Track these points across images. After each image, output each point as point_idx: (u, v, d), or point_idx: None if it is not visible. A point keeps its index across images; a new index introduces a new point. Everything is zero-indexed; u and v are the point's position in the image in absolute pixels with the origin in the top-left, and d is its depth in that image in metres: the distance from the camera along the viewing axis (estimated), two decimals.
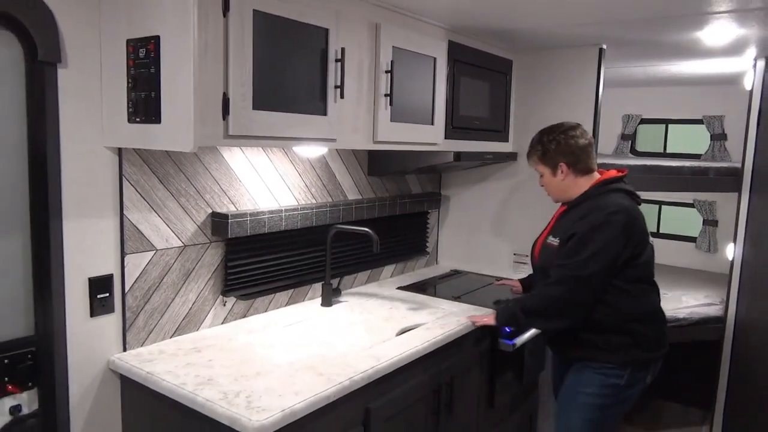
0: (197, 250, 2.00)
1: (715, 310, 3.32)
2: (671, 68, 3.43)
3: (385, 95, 2.04)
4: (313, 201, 2.42)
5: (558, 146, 2.05)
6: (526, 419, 2.88)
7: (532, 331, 2.59)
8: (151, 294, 1.87)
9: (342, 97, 1.84)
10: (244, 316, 2.19)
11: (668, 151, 4.57)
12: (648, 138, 4.83)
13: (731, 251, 3.09)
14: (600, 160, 2.98)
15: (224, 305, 2.10)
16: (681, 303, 3.44)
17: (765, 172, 2.84)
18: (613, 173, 2.10)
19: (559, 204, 2.20)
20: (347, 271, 2.64)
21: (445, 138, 2.43)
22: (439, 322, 2.22)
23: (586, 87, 2.74)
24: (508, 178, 3.00)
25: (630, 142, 4.58)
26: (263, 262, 2.20)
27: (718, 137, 4.18)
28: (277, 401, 1.51)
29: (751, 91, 3.00)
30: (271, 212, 2.15)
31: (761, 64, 2.91)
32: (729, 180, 3.10)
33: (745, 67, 3.14)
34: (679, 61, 3.11)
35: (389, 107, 2.06)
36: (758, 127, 2.93)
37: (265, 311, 2.27)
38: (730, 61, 3.08)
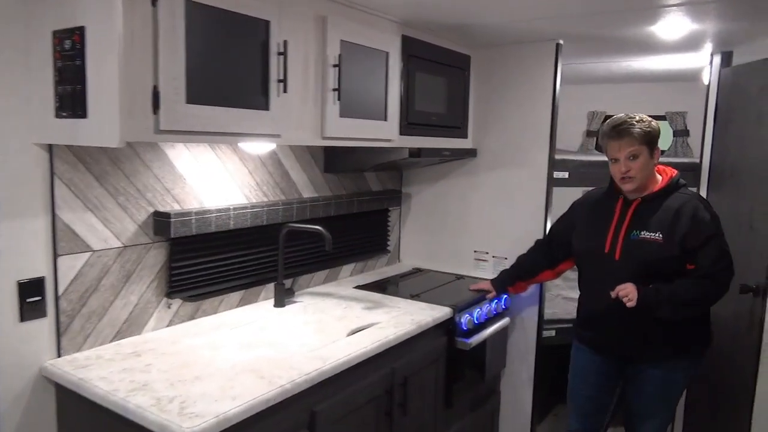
0: (138, 251, 1.93)
1: None
2: (632, 64, 3.44)
3: (333, 90, 1.99)
4: (265, 199, 2.36)
5: (655, 130, 2.05)
6: (487, 417, 2.86)
7: (492, 329, 2.58)
8: (87, 297, 1.79)
9: (285, 91, 1.78)
10: (192, 319, 2.13)
11: None
12: None
13: None
14: (564, 156, 2.98)
15: (169, 307, 2.04)
16: None
17: (721, 168, 2.85)
18: (671, 169, 2.16)
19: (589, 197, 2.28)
20: (304, 270, 2.59)
21: (400, 134, 2.39)
22: (394, 321, 2.18)
23: (544, 82, 2.72)
24: (468, 175, 2.97)
25: (595, 138, 4.59)
26: (211, 263, 2.14)
27: (681, 133, 4.21)
28: (212, 406, 1.45)
29: (708, 87, 3.01)
30: (218, 211, 2.09)
31: (717, 59, 2.93)
32: (687, 175, 3.10)
33: (703, 63, 3.15)
34: (637, 56, 3.11)
35: (337, 102, 2.01)
36: (715, 123, 2.95)
37: (215, 313, 2.21)
38: (689, 57, 3.09)
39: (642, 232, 2.05)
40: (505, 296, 2.73)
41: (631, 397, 2.24)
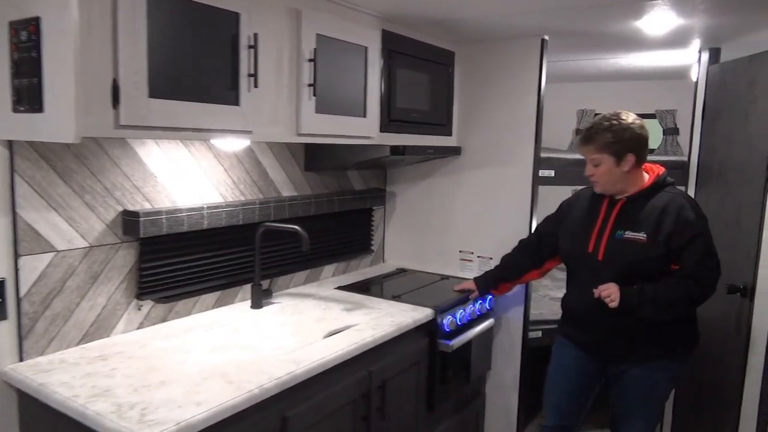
0: (106, 251, 1.86)
1: None
2: (620, 61, 3.40)
3: (309, 85, 1.93)
4: (242, 198, 2.30)
5: (632, 136, 1.99)
6: (472, 419, 2.80)
7: (475, 331, 2.53)
8: (51, 299, 1.73)
9: (256, 86, 1.72)
10: (164, 321, 2.07)
11: None
12: None
13: None
14: (550, 155, 2.93)
15: (139, 309, 1.98)
16: None
17: (709, 165, 2.81)
18: (659, 167, 2.12)
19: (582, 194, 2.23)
20: (283, 270, 2.53)
21: (381, 131, 2.34)
22: (373, 322, 2.13)
23: (529, 79, 2.67)
24: (453, 173, 2.92)
25: None
26: (184, 263, 2.08)
27: (671, 132, 4.17)
28: (174, 413, 1.39)
29: (696, 84, 2.96)
30: (190, 210, 2.03)
31: (705, 56, 2.88)
32: (676, 174, 3.05)
33: (692, 59, 3.11)
34: (624, 53, 3.07)
35: (313, 98, 1.95)
36: (703, 120, 2.90)
37: (189, 315, 2.15)
38: (678, 54, 3.05)
39: (626, 232, 2.01)
40: (490, 297, 2.68)
41: (615, 398, 2.20)
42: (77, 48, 1.31)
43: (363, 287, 2.66)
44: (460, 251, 2.93)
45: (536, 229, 2.49)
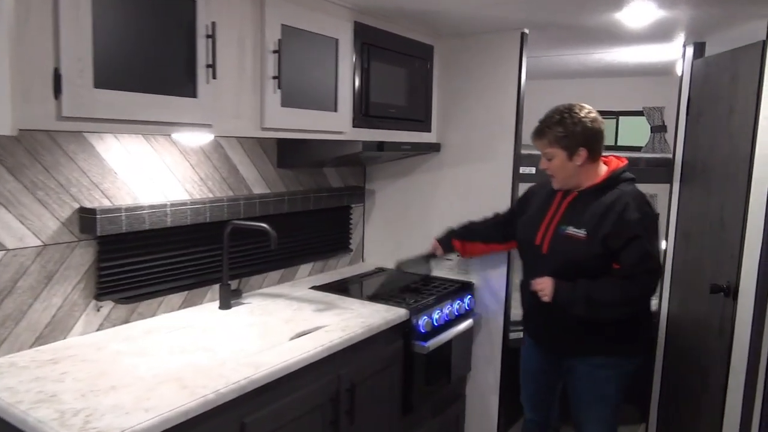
0: (62, 250, 1.79)
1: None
2: (605, 57, 3.34)
3: (273, 78, 1.86)
4: (211, 195, 2.23)
5: (583, 130, 1.96)
6: (452, 422, 2.74)
7: (453, 331, 2.46)
8: (1, 300, 1.66)
9: (215, 77, 1.65)
10: (126, 322, 1.99)
11: (620, 144, 4.51)
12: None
13: (663, 245, 3.01)
14: (531, 152, 2.86)
15: (98, 310, 1.90)
16: None
17: (694, 162, 2.75)
18: (621, 160, 2.08)
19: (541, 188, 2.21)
20: (255, 270, 2.46)
21: (354, 126, 2.27)
22: (343, 324, 2.06)
23: (509, 73, 2.60)
24: (432, 170, 2.85)
25: None
26: (146, 263, 2.01)
27: (658, 129, 4.12)
28: (120, 420, 1.32)
29: (681, 79, 2.91)
30: (152, 207, 1.96)
31: (690, 51, 2.82)
32: (660, 171, 3.01)
33: (677, 54, 3.05)
34: (607, 48, 3.01)
35: (278, 91, 1.88)
36: (687, 117, 2.84)
37: (153, 316, 2.07)
38: (663, 49, 2.99)
39: (569, 228, 1.99)
40: (469, 296, 2.62)
41: (568, 394, 2.19)
42: (14, 35, 1.23)
43: (339, 287, 2.59)
44: None
45: (510, 209, 2.50)
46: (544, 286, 1.97)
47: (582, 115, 1.97)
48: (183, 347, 1.80)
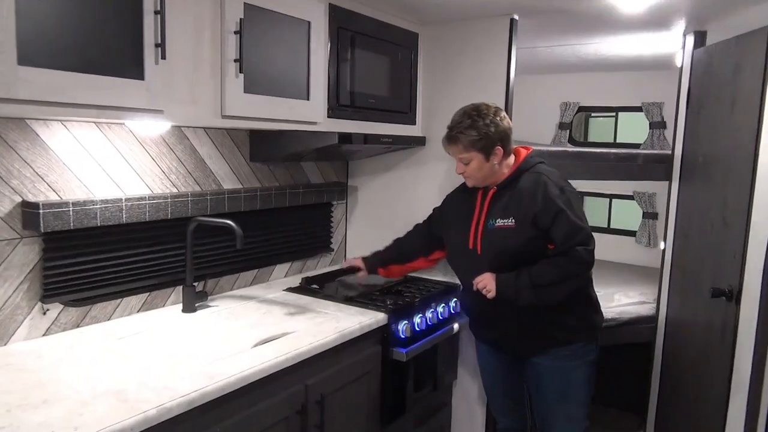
0: (2, 248, 1.63)
1: (648, 309, 3.08)
2: (601, 48, 3.18)
3: (235, 61, 1.70)
4: (175, 190, 2.08)
5: (497, 129, 1.94)
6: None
7: (434, 337, 2.31)
8: None
9: (164, 57, 1.50)
10: (78, 327, 1.84)
11: (618, 141, 4.35)
12: (598, 128, 4.63)
13: (662, 245, 2.85)
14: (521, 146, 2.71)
15: (45, 314, 1.75)
16: (613, 302, 3.20)
17: (694, 159, 2.59)
18: (527, 149, 2.08)
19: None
20: (225, 270, 2.31)
21: (329, 117, 2.12)
22: (314, 329, 1.90)
23: (498, 62, 2.45)
24: (417, 165, 2.70)
25: (568, 131, 4.33)
26: (99, 262, 1.85)
27: (657, 125, 3.96)
28: None
29: (680, 70, 2.75)
30: (104, 202, 1.80)
31: (690, 40, 2.67)
32: (659, 167, 2.85)
33: (676, 44, 2.89)
34: (602, 36, 2.84)
35: (241, 75, 1.73)
36: (687, 111, 2.69)
37: (108, 320, 1.92)
38: (662, 39, 2.83)
39: (497, 221, 1.96)
40: (455, 300, 2.46)
41: (533, 399, 2.12)
42: None
43: (315, 289, 2.43)
44: None
45: (430, 216, 2.35)
46: (486, 281, 1.93)
47: (491, 114, 1.94)
48: (134, 355, 1.64)
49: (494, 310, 1.99)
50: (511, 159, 2.01)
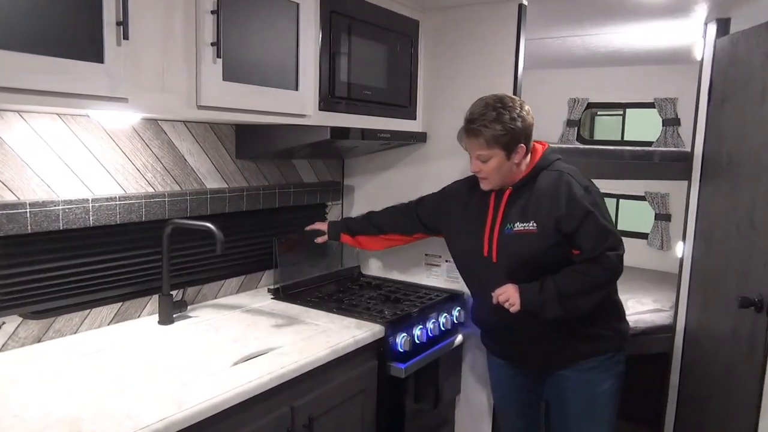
0: None
1: (663, 318, 2.89)
2: (614, 40, 2.99)
3: (212, 44, 1.52)
4: (152, 190, 1.89)
5: (523, 125, 1.73)
6: None
7: (437, 350, 2.12)
8: None
9: (127, 38, 1.31)
10: (39, 341, 1.65)
11: (626, 138, 4.16)
12: (604, 126, 4.45)
13: (681, 249, 2.66)
14: None
15: (0, 327, 1.56)
16: (627, 309, 2.99)
17: (717, 155, 2.40)
18: (542, 144, 1.87)
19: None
20: (210, 277, 2.12)
21: (321, 110, 1.93)
22: (302, 344, 1.72)
23: (505, 53, 2.25)
24: (418, 163, 2.51)
25: (576, 128, 4.14)
26: (64, 269, 1.66)
27: (671, 122, 3.77)
28: None
29: (701, 63, 2.56)
30: (68, 203, 1.62)
31: (712, 29, 2.48)
32: (677, 166, 2.66)
33: (696, 35, 2.70)
34: (617, 25, 2.65)
35: (219, 61, 1.54)
36: (709, 105, 2.50)
37: (74, 333, 1.73)
38: (679, 28, 2.64)
39: (515, 225, 1.77)
40: (457, 308, 2.27)
41: (554, 411, 1.93)
42: None
43: (307, 297, 2.24)
44: (426, 254, 2.52)
45: (420, 201, 2.14)
46: (508, 294, 1.73)
47: (517, 107, 1.74)
48: (97, 375, 1.46)
49: (513, 323, 1.79)
50: (528, 156, 1.81)
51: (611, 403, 1.85)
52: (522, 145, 1.74)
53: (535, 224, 1.72)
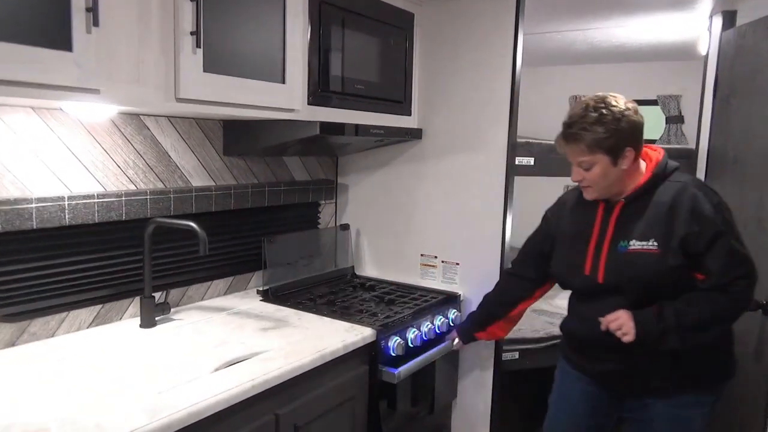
0: None
1: None
2: (617, 34, 2.91)
3: (191, 33, 1.44)
4: (134, 187, 1.82)
5: (629, 126, 1.54)
6: None
7: (432, 354, 2.04)
8: None
9: (97, 24, 1.23)
10: (12, 345, 1.58)
11: None
12: None
13: None
14: (529, 139, 2.44)
15: None
16: None
17: (723, 152, 2.32)
18: (656, 150, 1.67)
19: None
20: (196, 278, 2.05)
21: (310, 104, 1.85)
22: (289, 348, 1.64)
23: (503, 47, 2.18)
24: (414, 161, 2.43)
25: None
26: (38, 270, 1.59)
27: (674, 120, 3.69)
28: None
29: (706, 57, 2.48)
30: (42, 200, 1.54)
31: (718, 21, 2.40)
32: (681, 163, 2.57)
33: (700, 29, 2.62)
34: (619, 19, 2.57)
35: (199, 51, 1.46)
36: (714, 100, 2.42)
37: (51, 336, 1.66)
38: (683, 21, 2.56)
39: (631, 242, 1.56)
40: (454, 311, 2.20)
41: None
42: None
43: (297, 299, 2.16)
44: (422, 255, 2.44)
45: (522, 248, 1.95)
46: (621, 322, 1.52)
47: (622, 106, 1.55)
48: (67, 382, 1.38)
49: (613, 343, 1.56)
50: (642, 164, 1.62)
51: None
52: (630, 148, 1.55)
53: (656, 243, 1.52)
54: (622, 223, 1.59)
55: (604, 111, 1.53)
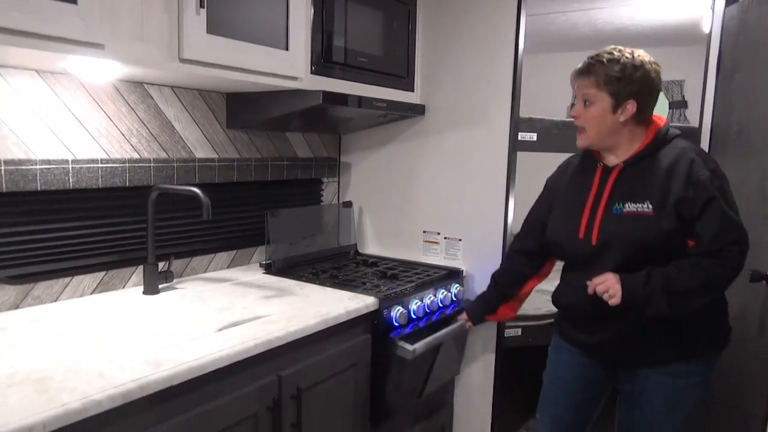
0: None
1: None
2: (620, 15, 2.91)
3: None
4: (137, 155, 1.82)
5: (643, 77, 1.54)
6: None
7: (439, 330, 2.03)
8: None
9: None
10: (16, 308, 1.58)
11: None
12: None
13: None
14: (532, 115, 2.44)
15: None
16: None
17: (726, 127, 2.32)
18: (660, 118, 1.65)
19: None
20: (199, 249, 2.06)
21: (312, 73, 1.86)
22: (292, 313, 1.64)
23: (506, 23, 2.17)
24: (416, 138, 2.43)
25: None
26: (42, 233, 1.60)
27: (678, 105, 3.68)
28: None
29: (709, 34, 2.47)
30: (46, 162, 1.55)
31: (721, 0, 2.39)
32: None
33: (703, 7, 2.62)
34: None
35: (202, 12, 1.47)
36: (718, 76, 2.41)
37: (54, 301, 1.67)
38: (686, 3, 2.56)
39: (626, 204, 1.56)
40: (456, 285, 2.20)
41: (626, 411, 1.72)
42: None
43: (299, 271, 2.17)
44: (424, 231, 2.45)
45: (525, 220, 1.92)
46: (608, 284, 1.51)
47: (646, 59, 1.55)
48: (70, 341, 1.39)
49: (605, 312, 1.56)
50: (642, 131, 1.61)
51: (691, 412, 1.62)
52: (633, 101, 1.54)
53: (650, 205, 1.51)
54: (618, 187, 1.59)
55: (627, 56, 1.55)
